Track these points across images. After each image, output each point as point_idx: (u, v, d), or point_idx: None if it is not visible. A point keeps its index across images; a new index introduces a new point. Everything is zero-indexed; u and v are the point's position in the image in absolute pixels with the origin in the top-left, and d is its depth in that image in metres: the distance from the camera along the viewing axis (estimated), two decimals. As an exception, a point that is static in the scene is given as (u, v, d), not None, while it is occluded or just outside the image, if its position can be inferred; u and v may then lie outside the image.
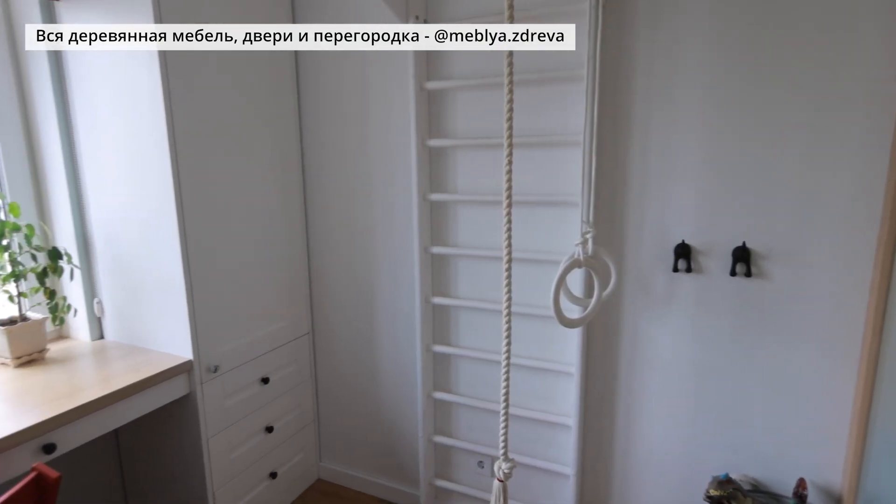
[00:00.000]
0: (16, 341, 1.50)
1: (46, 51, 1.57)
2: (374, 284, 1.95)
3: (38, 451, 1.26)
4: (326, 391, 2.15)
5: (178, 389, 1.60)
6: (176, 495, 1.77)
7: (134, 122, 1.51)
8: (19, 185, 1.66)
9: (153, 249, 1.59)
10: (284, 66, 1.86)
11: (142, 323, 1.68)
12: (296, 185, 1.96)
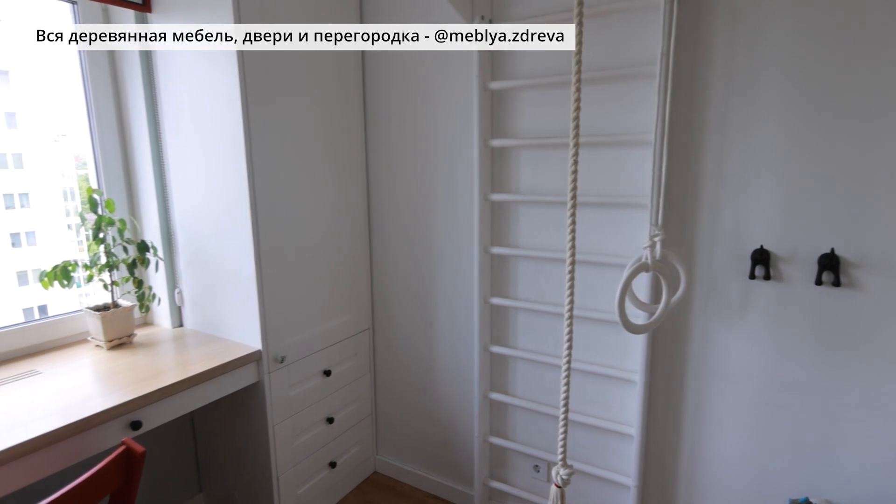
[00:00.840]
0: (109, 326, 1.64)
1: (139, 60, 1.70)
2: (434, 283, 1.97)
3: (126, 427, 1.37)
4: (384, 386, 2.20)
5: (248, 377, 1.69)
6: (244, 477, 1.87)
7: (213, 123, 1.61)
8: (114, 183, 1.81)
9: (228, 244, 1.68)
10: (351, 67, 1.92)
11: (217, 313, 1.78)
12: (360, 183, 2.02)
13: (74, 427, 1.24)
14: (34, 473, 1.19)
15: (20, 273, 4.38)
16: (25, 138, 4.39)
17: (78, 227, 4.43)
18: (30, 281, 4.45)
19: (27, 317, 1.68)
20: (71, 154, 4.53)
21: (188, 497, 2.02)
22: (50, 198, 4.41)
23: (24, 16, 3.74)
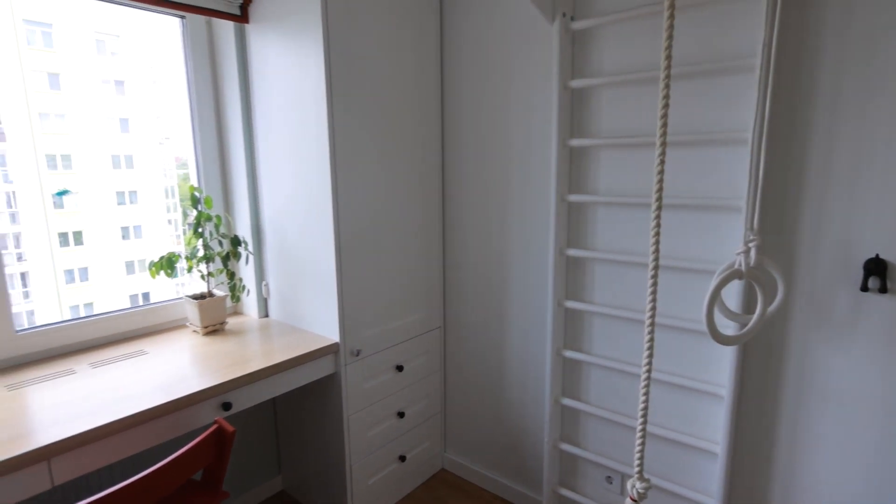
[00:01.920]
0: (205, 313, 1.78)
1: (237, 68, 1.83)
2: (506, 283, 1.95)
3: (218, 408, 1.48)
4: (454, 384, 2.21)
5: (326, 368, 1.77)
6: (319, 463, 1.96)
7: (299, 125, 1.70)
8: (212, 182, 1.96)
9: (310, 241, 1.77)
10: (430, 66, 1.95)
11: (299, 306, 1.88)
12: (435, 183, 2.04)
13: (175, 404, 1.36)
14: (142, 442, 1.32)
15: (128, 263, 4.85)
16: (136, 141, 4.86)
17: (176, 222, 4.83)
18: (136, 270, 4.91)
19: (132, 302, 1.86)
20: (172, 155, 4.96)
21: (268, 477, 2.14)
22: (154, 195, 4.86)
23: (139, 31, 4.13)
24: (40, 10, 3.91)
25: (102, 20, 4.13)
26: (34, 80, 3.98)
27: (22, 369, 1.52)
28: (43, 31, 3.94)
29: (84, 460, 1.22)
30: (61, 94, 4.16)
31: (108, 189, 4.43)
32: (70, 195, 3.86)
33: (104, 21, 4.15)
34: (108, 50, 4.30)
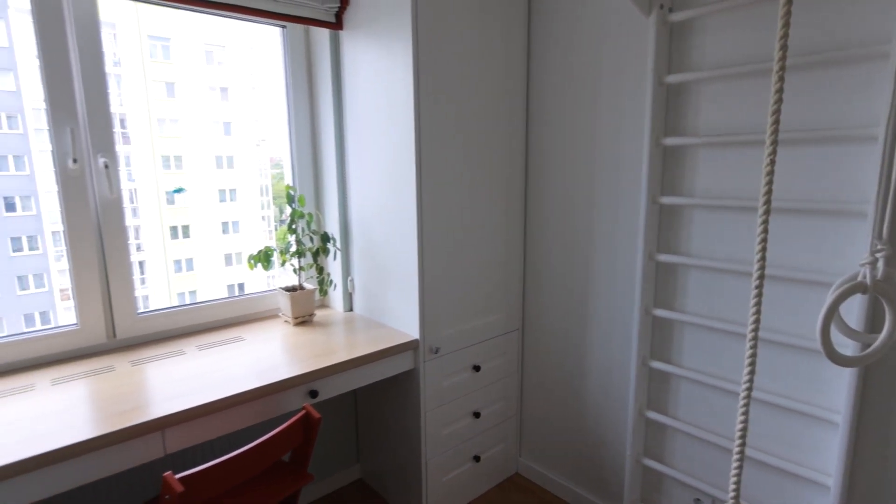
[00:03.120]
0: (296, 304, 1.89)
1: (331, 73, 1.92)
2: (590, 287, 1.89)
3: (306, 395, 1.57)
4: (531, 387, 2.18)
5: (405, 364, 1.80)
6: (395, 456, 2.01)
7: (387, 127, 1.75)
8: (305, 181, 2.08)
9: (394, 239, 1.81)
10: (516, 64, 1.93)
11: (382, 301, 1.94)
12: (517, 183, 2.02)
13: (269, 388, 1.45)
14: (239, 421, 1.42)
15: (227, 255, 5.26)
16: (236, 143, 5.25)
17: (269, 218, 5.18)
18: (233, 262, 5.31)
19: (229, 292, 2.00)
20: (267, 156, 5.32)
21: (347, 465, 2.23)
22: (250, 193, 5.23)
23: (242, 42, 4.46)
24: (162, 26, 4.31)
25: (212, 33, 4.50)
26: (154, 89, 4.40)
27: (141, 348, 1.70)
28: (163, 45, 4.34)
29: (192, 433, 1.34)
30: (176, 101, 4.57)
31: (212, 187, 4.81)
32: (184, 193, 4.25)
33: (213, 34, 4.51)
34: (215, 60, 4.67)
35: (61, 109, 1.51)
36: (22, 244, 3.92)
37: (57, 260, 3.81)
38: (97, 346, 1.66)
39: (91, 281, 1.62)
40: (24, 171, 3.75)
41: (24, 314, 3.92)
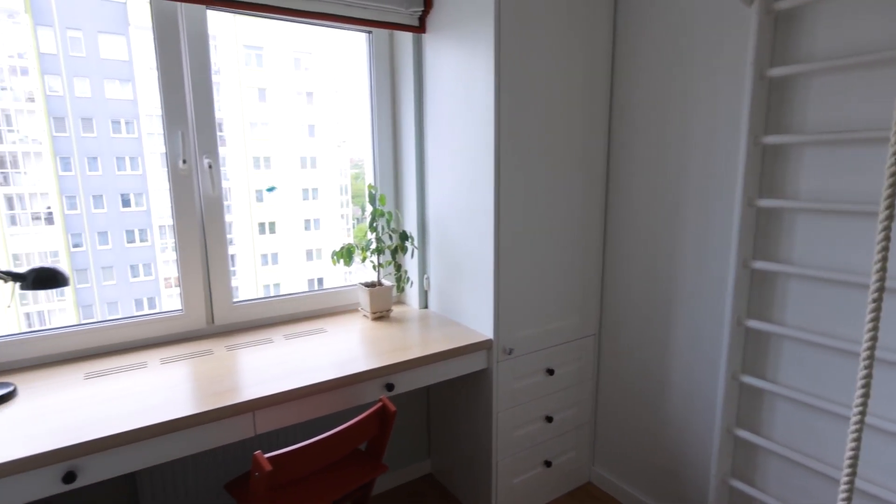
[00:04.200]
0: (374, 300, 1.96)
1: (413, 76, 1.97)
2: (674, 293, 1.80)
3: (382, 387, 1.62)
4: (607, 395, 2.11)
5: (479, 363, 1.81)
6: (466, 454, 2.02)
7: (467, 129, 1.76)
8: (386, 181, 2.14)
9: (471, 240, 1.83)
10: (600, 58, 1.87)
11: (456, 300, 1.96)
12: (598, 185, 1.96)
13: (347, 379, 1.51)
14: (321, 409, 1.50)
15: (308, 251, 5.55)
16: (319, 145, 5.52)
17: (347, 216, 5.39)
18: (314, 258, 5.59)
19: (309, 286, 2.11)
20: (348, 157, 5.54)
21: (418, 459, 2.28)
22: (330, 192, 5.48)
23: (328, 48, 4.67)
24: (256, 36, 4.61)
25: (300, 41, 4.76)
26: (248, 94, 4.71)
27: (235, 334, 1.84)
28: (256, 53, 4.64)
29: (279, 416, 1.42)
30: (266, 105, 4.87)
31: (297, 186, 5.09)
32: (276, 191, 4.53)
33: (302, 42, 4.77)
34: (303, 66, 4.93)
35: (175, 115, 1.66)
36: (134, 236, 4.35)
37: (162, 251, 4.21)
38: (198, 331, 1.81)
39: (195, 271, 1.77)
40: (137, 171, 4.17)
41: (134, 299, 4.36)
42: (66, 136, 3.98)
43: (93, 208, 4.13)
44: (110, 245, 4.21)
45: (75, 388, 1.42)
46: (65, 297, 3.92)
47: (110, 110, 4.14)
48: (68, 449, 1.13)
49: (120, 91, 4.17)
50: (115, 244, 4.23)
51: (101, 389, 1.41)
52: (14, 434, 1.18)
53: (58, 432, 1.18)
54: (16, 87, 3.86)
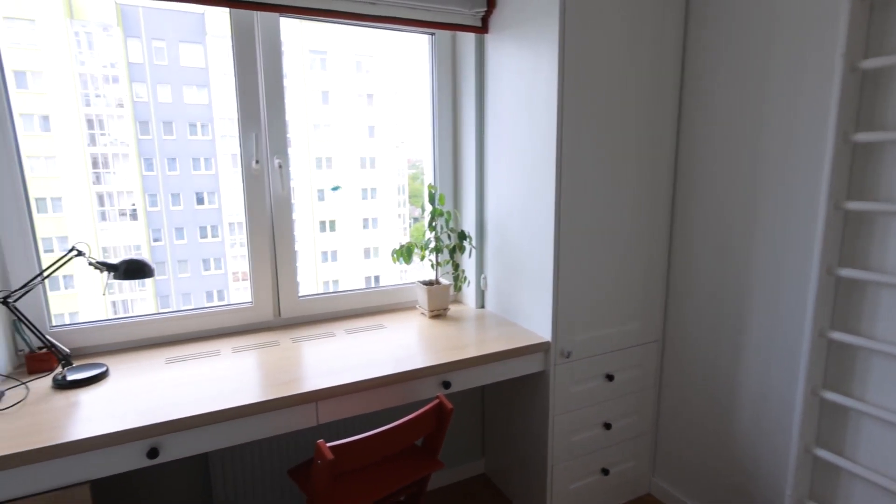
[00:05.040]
0: (432, 298, 1.98)
1: (475, 77, 1.97)
2: (746, 300, 1.70)
3: (439, 385, 1.63)
4: (670, 404, 2.02)
5: (535, 365, 1.79)
6: (520, 456, 2.00)
7: (528, 129, 1.75)
8: (445, 181, 2.16)
9: (530, 240, 1.81)
10: (668, 60, 1.80)
11: (514, 301, 1.95)
12: (665, 186, 1.89)
13: (405, 375, 1.54)
14: (379, 402, 1.53)
15: (365, 249, 5.70)
16: (378, 146, 5.66)
17: (403, 216, 5.50)
18: (371, 256, 5.74)
19: (366, 283, 2.16)
20: (405, 157, 5.66)
21: (471, 459, 2.28)
22: (388, 192, 5.60)
23: (389, 50, 4.78)
24: (320, 41, 4.78)
25: (363, 44, 4.90)
26: (312, 97, 4.90)
27: (300, 327, 1.92)
28: (320, 57, 4.82)
29: (340, 407, 1.47)
30: (329, 107, 5.04)
31: (356, 186, 5.24)
32: (340, 190, 4.69)
33: (364, 45, 4.90)
34: (363, 68, 5.06)
35: (249, 118, 1.76)
36: (207, 232, 4.62)
37: (231, 247, 4.45)
38: (265, 323, 1.90)
39: (264, 266, 1.87)
40: (210, 171, 4.43)
41: (206, 291, 4.63)
42: (150, 139, 4.30)
43: (171, 206, 4.43)
44: (185, 240, 4.50)
45: (158, 371, 1.53)
46: (145, 287, 4.22)
47: (188, 114, 4.43)
48: (153, 427, 1.22)
49: (196, 96, 4.45)
50: (190, 239, 4.52)
51: (181, 373, 1.51)
52: (106, 410, 1.29)
53: (144, 411, 1.28)
54: (108, 94, 4.21)
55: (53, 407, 1.31)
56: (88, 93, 4.10)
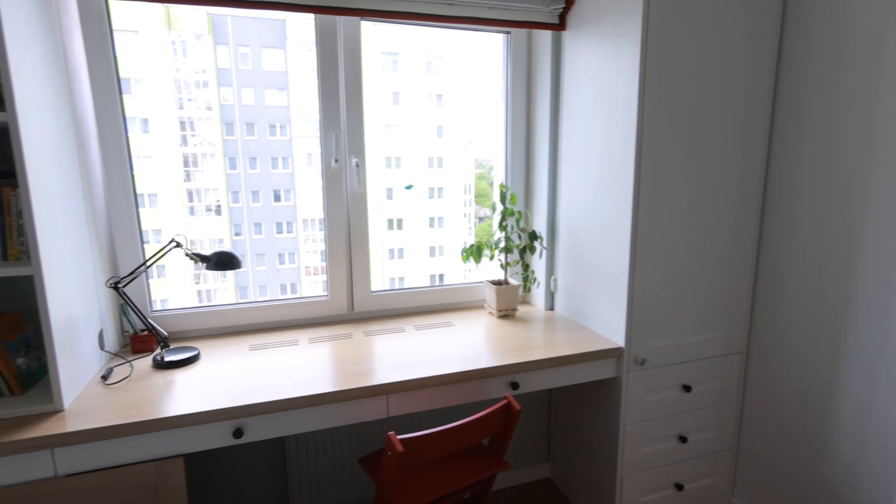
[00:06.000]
0: (501, 298, 1.98)
1: (550, 77, 1.94)
2: (847, 316, 1.55)
3: (507, 385, 1.62)
4: (754, 421, 1.89)
5: (607, 371, 1.74)
6: (588, 464, 1.95)
7: (606, 128, 1.70)
8: (517, 180, 2.15)
9: (605, 242, 1.75)
10: (763, 51, 1.68)
11: (585, 304, 1.90)
12: (754, 188, 1.77)
13: (474, 373, 1.54)
14: (447, 399, 1.55)
15: (431, 247, 5.77)
16: (446, 145, 5.70)
17: (469, 215, 5.51)
18: (436, 254, 5.80)
19: (431, 281, 2.17)
20: (472, 157, 5.66)
21: (536, 462, 2.25)
22: (454, 191, 5.64)
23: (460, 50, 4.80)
24: (393, 43, 4.89)
25: (434, 45, 4.96)
26: (383, 98, 5.02)
27: (371, 321, 1.97)
28: (392, 59, 4.92)
29: (410, 401, 1.50)
30: (399, 108, 5.14)
31: (423, 185, 5.31)
32: (413, 189, 4.79)
33: (435, 45, 4.97)
34: (434, 69, 5.12)
35: (330, 119, 1.83)
36: (282, 228, 4.86)
37: (304, 242, 4.67)
38: (339, 316, 1.98)
39: (340, 261, 1.94)
40: (287, 170, 4.66)
41: (280, 284, 4.89)
42: (234, 139, 4.59)
43: (251, 202, 4.71)
44: (263, 235, 4.76)
45: (243, 357, 1.63)
46: (227, 278, 4.51)
47: (268, 116, 4.69)
48: (240, 408, 1.31)
49: (276, 98, 4.70)
50: (267, 234, 4.78)
51: (263, 360, 1.60)
52: (198, 391, 1.39)
53: (232, 393, 1.37)
54: (198, 97, 4.55)
55: (153, 384, 1.44)
56: (182, 97, 4.44)
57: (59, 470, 1.21)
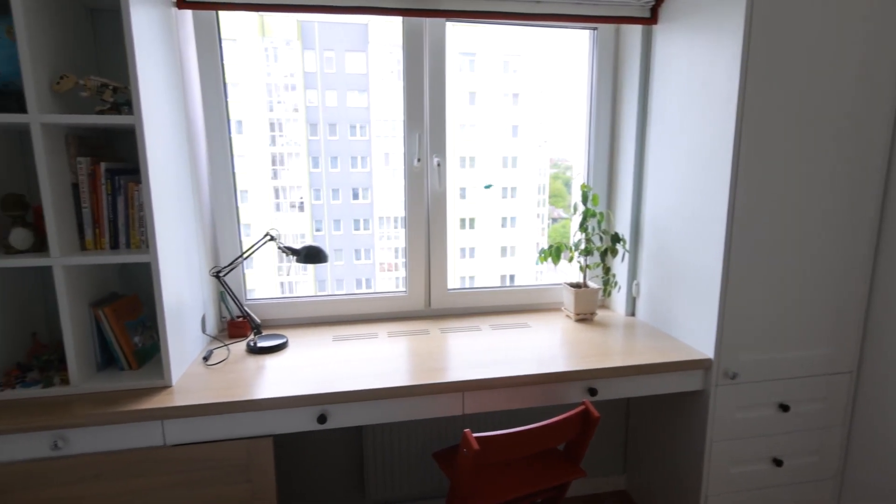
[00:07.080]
0: (579, 301, 1.93)
1: (639, 73, 1.86)
2: None
3: (585, 391, 1.58)
4: (864, 449, 1.71)
5: (692, 383, 1.64)
6: (669, 480, 1.85)
7: (700, 126, 1.60)
8: (599, 181, 2.08)
9: (695, 246, 1.66)
10: (884, 50, 1.51)
11: (669, 311, 1.80)
12: (870, 199, 1.59)
13: (551, 376, 1.52)
14: (522, 401, 1.53)
15: (502, 247, 5.74)
16: (521, 145, 5.65)
17: (543, 216, 5.42)
18: (507, 254, 5.76)
19: (501, 282, 2.15)
20: (547, 157, 5.56)
21: (613, 473, 2.18)
22: (528, 192, 5.57)
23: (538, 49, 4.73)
24: (470, 42, 4.91)
25: (511, 44, 4.93)
26: (460, 98, 5.05)
27: (448, 319, 2.00)
28: (469, 59, 4.94)
29: (485, 400, 1.50)
30: (475, 107, 5.16)
31: (497, 185, 5.29)
32: (492, 188, 4.82)
33: (512, 44, 4.94)
34: (510, 68, 5.08)
35: (414, 119, 1.88)
36: (360, 225, 5.04)
37: (379, 239, 4.81)
38: (417, 312, 2.02)
39: (419, 257, 1.98)
40: (366, 169, 4.82)
41: (356, 279, 5.07)
42: (317, 140, 4.82)
43: (331, 200, 4.92)
44: (342, 231, 4.96)
45: (327, 346, 1.71)
46: (307, 271, 4.74)
47: (349, 117, 4.87)
48: (325, 395, 1.37)
49: (357, 100, 4.88)
50: (345, 230, 4.97)
51: (345, 350, 1.67)
52: (287, 377, 1.48)
53: (318, 380, 1.44)
54: (286, 100, 4.82)
55: (247, 367, 1.55)
56: (272, 100, 4.72)
57: (167, 440, 1.33)
